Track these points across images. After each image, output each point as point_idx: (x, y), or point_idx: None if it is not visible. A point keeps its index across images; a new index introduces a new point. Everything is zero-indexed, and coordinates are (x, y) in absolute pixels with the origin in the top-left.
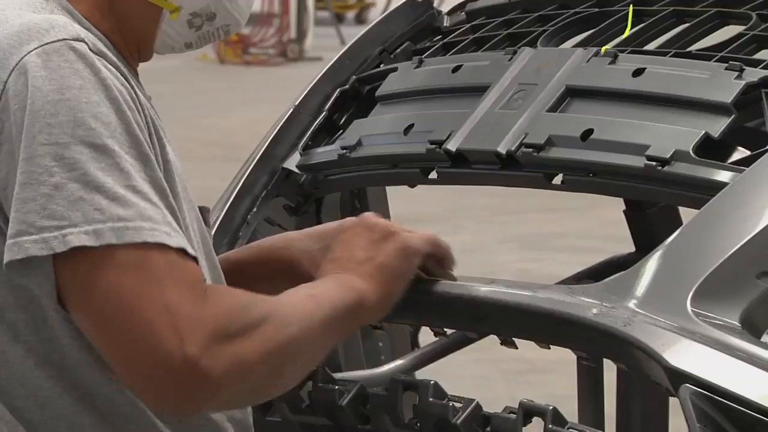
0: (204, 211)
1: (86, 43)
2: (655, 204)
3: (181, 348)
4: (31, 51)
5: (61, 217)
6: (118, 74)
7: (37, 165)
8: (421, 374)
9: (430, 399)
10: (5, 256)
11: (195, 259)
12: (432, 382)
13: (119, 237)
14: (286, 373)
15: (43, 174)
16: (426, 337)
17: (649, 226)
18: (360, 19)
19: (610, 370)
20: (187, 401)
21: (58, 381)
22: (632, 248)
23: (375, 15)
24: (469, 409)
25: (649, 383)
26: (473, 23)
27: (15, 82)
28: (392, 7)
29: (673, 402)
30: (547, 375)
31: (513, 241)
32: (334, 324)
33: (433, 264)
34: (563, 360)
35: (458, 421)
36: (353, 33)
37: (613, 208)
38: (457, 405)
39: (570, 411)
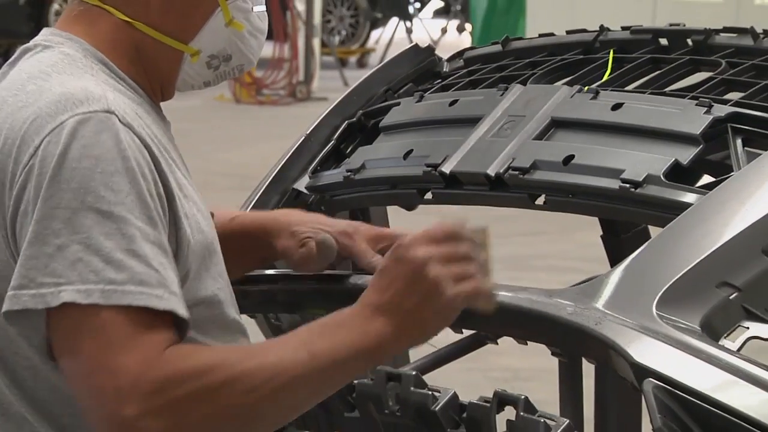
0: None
1: (116, 114)
2: (629, 229)
3: (121, 410)
4: (64, 121)
5: (60, 275)
6: (140, 142)
7: (47, 226)
8: None
9: (411, 388)
10: (4, 305)
11: (184, 319)
12: (414, 373)
13: (106, 298)
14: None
15: (50, 235)
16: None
17: (624, 249)
18: (361, 64)
19: (588, 377)
20: None
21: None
22: (608, 268)
23: (374, 60)
24: (447, 397)
25: (625, 387)
26: (470, 68)
27: (45, 148)
28: (390, 53)
29: None
30: (531, 382)
31: (499, 262)
32: (330, 373)
33: None
34: (545, 369)
35: (436, 408)
36: (355, 75)
37: (589, 231)
38: (437, 394)
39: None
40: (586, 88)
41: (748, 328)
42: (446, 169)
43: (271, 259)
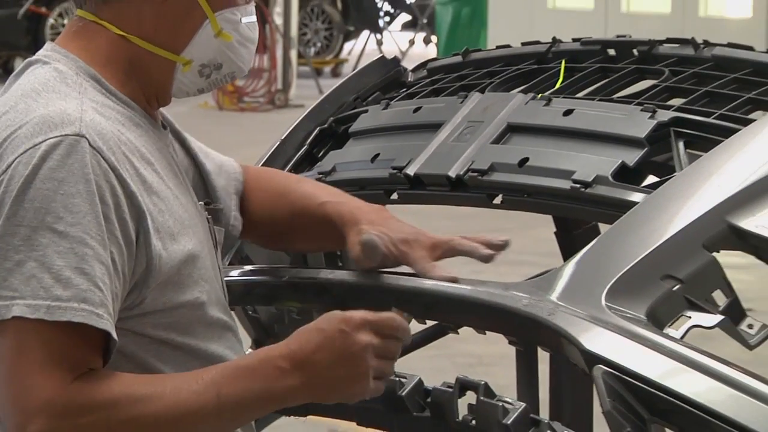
0: (219, 212)
1: (87, 138)
2: (580, 226)
3: (27, 425)
4: (38, 143)
5: (15, 290)
6: (106, 165)
7: (8, 242)
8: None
9: None
10: None
11: (113, 339)
12: None
13: (50, 314)
14: None
15: (10, 251)
16: None
17: (576, 244)
18: (335, 73)
19: (544, 364)
20: None
21: None
22: (561, 262)
23: (348, 69)
24: (413, 383)
25: (577, 373)
26: (433, 78)
27: (15, 167)
28: (362, 63)
29: None
30: (493, 367)
31: (462, 257)
32: (234, 414)
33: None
34: (505, 355)
35: (403, 393)
36: (330, 84)
37: (544, 228)
38: (403, 380)
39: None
40: (539, 95)
41: (690, 317)
42: (411, 171)
43: (343, 247)
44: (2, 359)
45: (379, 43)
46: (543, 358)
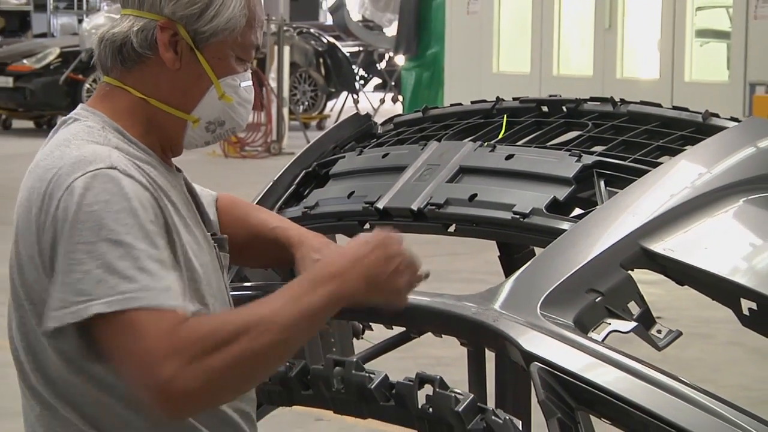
0: (224, 241)
1: (118, 169)
2: (520, 250)
3: (159, 375)
4: (78, 177)
5: (88, 294)
6: (140, 187)
7: (73, 258)
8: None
9: (353, 372)
10: (48, 324)
11: (184, 307)
12: (354, 360)
13: (123, 305)
14: (261, 370)
15: (76, 264)
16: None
17: (516, 264)
18: (320, 126)
19: (490, 362)
20: (174, 410)
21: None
22: None
23: (330, 123)
24: (380, 378)
25: (517, 369)
26: (398, 130)
27: (65, 199)
28: (342, 118)
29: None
30: (449, 367)
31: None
32: (318, 317)
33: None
34: (459, 357)
35: (372, 387)
36: (316, 135)
37: (494, 252)
38: (372, 376)
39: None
40: (486, 143)
41: (609, 323)
42: (380, 205)
43: (292, 265)
44: (111, 348)
45: (356, 101)
46: (490, 357)
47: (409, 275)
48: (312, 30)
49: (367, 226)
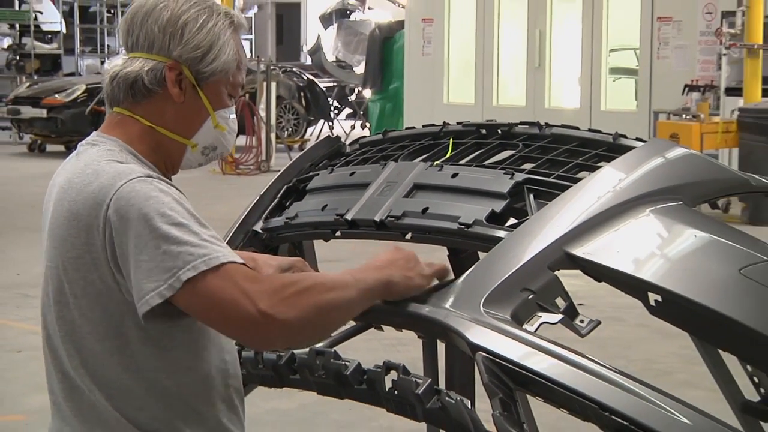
0: None
1: (152, 176)
2: (464, 252)
3: (256, 307)
4: (123, 184)
5: (172, 268)
6: (174, 189)
7: (143, 252)
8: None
9: (331, 360)
10: (141, 310)
11: (245, 264)
12: (333, 350)
13: (207, 264)
14: (329, 321)
15: (152, 250)
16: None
17: (462, 265)
18: (302, 148)
19: (441, 350)
20: (270, 339)
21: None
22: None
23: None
24: (354, 366)
25: (464, 357)
26: (363, 150)
27: (115, 204)
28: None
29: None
30: (409, 346)
31: None
32: (364, 293)
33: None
34: (416, 338)
35: (347, 373)
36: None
37: (444, 253)
38: (347, 364)
39: (420, 369)
40: (435, 163)
41: (540, 316)
42: (349, 216)
43: None
44: (208, 301)
45: (331, 128)
46: (441, 346)
47: (430, 269)
48: (294, 69)
49: (338, 234)
